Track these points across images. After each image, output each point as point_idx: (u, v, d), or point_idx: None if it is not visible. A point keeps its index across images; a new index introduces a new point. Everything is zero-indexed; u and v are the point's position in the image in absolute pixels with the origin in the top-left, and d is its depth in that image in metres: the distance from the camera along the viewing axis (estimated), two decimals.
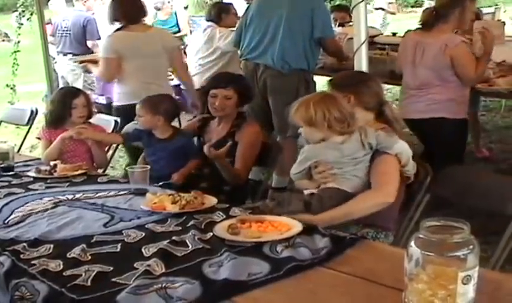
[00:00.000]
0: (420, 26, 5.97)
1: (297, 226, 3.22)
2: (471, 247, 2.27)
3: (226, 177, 4.66)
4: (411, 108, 5.84)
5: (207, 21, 8.55)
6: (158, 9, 12.06)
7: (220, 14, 8.30)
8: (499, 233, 3.72)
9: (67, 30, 10.27)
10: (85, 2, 10.98)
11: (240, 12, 8.56)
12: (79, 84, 9.44)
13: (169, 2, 12.06)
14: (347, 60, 6.81)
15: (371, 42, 7.42)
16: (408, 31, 6.34)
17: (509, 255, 4.35)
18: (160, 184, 4.46)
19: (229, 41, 7.85)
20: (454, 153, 5.95)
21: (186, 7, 13.65)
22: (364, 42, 4.61)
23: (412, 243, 2.31)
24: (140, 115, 4.90)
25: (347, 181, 3.70)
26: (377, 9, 17.79)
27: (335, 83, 4.12)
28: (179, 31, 12.04)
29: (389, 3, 19.20)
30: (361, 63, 4.66)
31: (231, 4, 8.90)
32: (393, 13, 20.07)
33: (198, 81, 7.72)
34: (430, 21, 5.76)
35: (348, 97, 3.93)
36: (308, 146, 3.80)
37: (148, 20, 11.45)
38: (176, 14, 12.16)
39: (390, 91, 11.80)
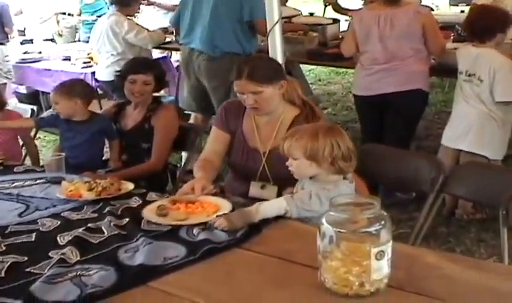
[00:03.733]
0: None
1: (226, 207, 3.24)
2: (382, 222, 2.31)
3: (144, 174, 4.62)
4: (383, 82, 5.75)
5: (111, 4, 8.17)
6: None
7: (129, 1, 7.89)
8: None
9: None
10: None
11: None
12: None
13: None
14: None
15: (289, 23, 7.45)
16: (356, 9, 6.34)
17: (431, 230, 4.45)
18: (104, 172, 4.44)
19: (137, 33, 7.73)
20: (415, 124, 6.11)
21: None
22: (277, 23, 4.57)
23: (324, 220, 2.32)
24: (56, 103, 4.80)
25: None
26: None
27: (261, 74, 3.85)
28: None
29: None
30: (276, 44, 4.62)
31: None
32: None
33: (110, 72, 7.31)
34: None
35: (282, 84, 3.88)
36: (308, 182, 3.32)
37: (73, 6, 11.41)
38: None
39: (312, 71, 11.88)
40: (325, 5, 8.73)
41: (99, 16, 10.28)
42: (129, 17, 7.97)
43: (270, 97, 3.85)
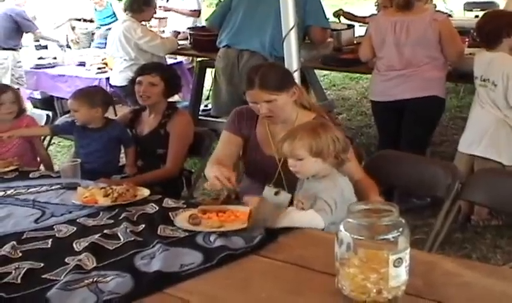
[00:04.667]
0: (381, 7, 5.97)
1: None
2: (400, 229, 2.29)
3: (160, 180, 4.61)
4: (400, 88, 5.75)
5: (125, 11, 8.08)
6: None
7: (141, 6, 7.78)
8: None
9: None
10: None
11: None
12: (7, 79, 9.27)
13: None
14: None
15: None
16: (372, 14, 6.31)
17: (447, 237, 4.42)
18: (119, 178, 4.49)
19: (150, 40, 7.67)
20: (431, 130, 6.12)
21: None
22: (292, 28, 4.56)
23: (341, 227, 2.31)
24: (76, 110, 4.79)
25: None
26: None
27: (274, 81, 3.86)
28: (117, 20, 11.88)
29: None
30: (291, 49, 4.61)
31: None
32: None
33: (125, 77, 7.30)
34: (404, 3, 5.66)
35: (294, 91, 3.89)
36: (308, 182, 3.39)
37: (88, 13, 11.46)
38: (111, 4, 11.95)
39: (327, 77, 11.86)
40: (336, 17, 8.66)
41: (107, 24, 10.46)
42: (144, 22, 7.98)
43: (284, 105, 3.84)
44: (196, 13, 10.94)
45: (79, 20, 11.56)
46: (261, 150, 4.01)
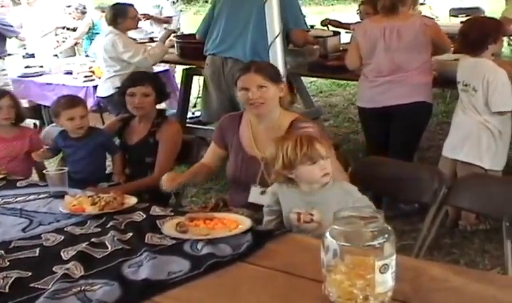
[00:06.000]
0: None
1: (246, 223, 3.22)
2: (386, 235, 2.30)
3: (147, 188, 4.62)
4: (388, 94, 5.77)
5: (108, 24, 7.82)
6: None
7: (116, 19, 7.56)
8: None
9: None
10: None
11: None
12: None
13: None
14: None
15: None
16: (358, 22, 6.34)
17: (435, 242, 4.44)
18: (106, 186, 4.50)
19: (133, 55, 7.44)
20: (419, 136, 6.13)
21: None
22: (278, 35, 4.59)
23: (327, 234, 2.32)
24: (82, 116, 4.79)
25: None
26: None
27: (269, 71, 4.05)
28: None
29: None
30: (277, 56, 4.63)
31: (130, 5, 8.02)
32: None
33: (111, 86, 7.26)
34: (390, 6, 5.69)
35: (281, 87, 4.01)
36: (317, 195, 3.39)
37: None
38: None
39: (314, 83, 11.88)
40: (324, 26, 8.70)
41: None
42: (130, 30, 7.93)
43: (273, 96, 3.97)
44: (170, 20, 11.14)
45: (63, 28, 11.52)
46: (244, 151, 4.08)
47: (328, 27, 8.63)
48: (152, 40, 10.06)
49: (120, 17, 7.49)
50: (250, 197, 4.00)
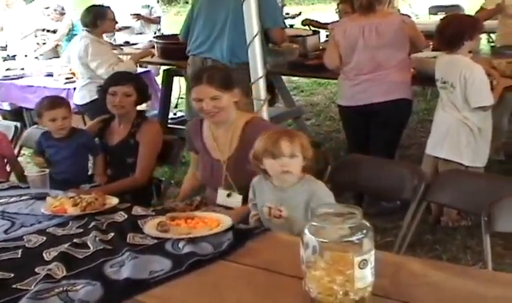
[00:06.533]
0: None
1: (227, 222, 3.23)
2: (364, 231, 2.32)
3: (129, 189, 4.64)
4: (369, 92, 5.79)
5: (83, 27, 7.58)
6: None
7: (95, 21, 7.26)
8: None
9: None
10: None
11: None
12: None
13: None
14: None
15: None
16: (336, 21, 6.35)
17: (417, 238, 4.46)
18: (88, 187, 4.52)
19: (98, 66, 7.07)
20: (400, 133, 6.16)
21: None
22: (257, 35, 4.60)
23: (306, 231, 2.34)
24: (65, 117, 4.80)
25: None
26: None
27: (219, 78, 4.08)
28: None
29: None
30: (256, 56, 4.64)
31: (107, 7, 7.83)
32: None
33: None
34: (367, 5, 5.70)
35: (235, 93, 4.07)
36: (287, 192, 3.41)
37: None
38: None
39: (295, 83, 11.90)
40: (305, 25, 8.75)
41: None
42: (107, 32, 7.89)
43: (228, 103, 4.03)
44: (158, 19, 11.16)
45: (43, 30, 11.48)
46: (210, 155, 4.16)
47: (309, 27, 8.66)
48: (127, 43, 10.11)
49: (100, 19, 7.31)
50: (218, 199, 4.09)
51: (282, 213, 3.33)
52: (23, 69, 9.57)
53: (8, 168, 5.28)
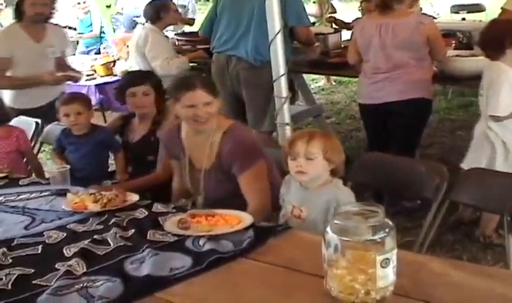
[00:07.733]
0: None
1: (248, 219, 3.22)
2: (387, 230, 2.31)
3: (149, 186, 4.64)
4: (386, 91, 5.76)
5: (146, 21, 7.60)
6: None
7: (159, 14, 7.38)
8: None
9: None
10: None
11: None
12: None
13: (84, 2, 11.76)
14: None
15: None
16: (357, 18, 6.31)
17: (437, 238, 4.42)
18: (110, 184, 4.51)
19: (154, 57, 7.23)
20: (420, 132, 6.11)
21: (108, 6, 13.25)
22: (278, 32, 4.59)
23: (328, 229, 2.33)
24: (78, 112, 4.82)
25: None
26: None
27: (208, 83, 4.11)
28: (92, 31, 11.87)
29: None
30: (277, 53, 4.64)
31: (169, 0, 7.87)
32: None
33: None
34: (383, 4, 5.67)
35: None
36: (312, 193, 3.40)
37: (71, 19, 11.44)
38: (90, 15, 11.88)
39: (316, 81, 11.89)
40: (329, 23, 8.78)
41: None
42: (171, 25, 7.97)
43: (216, 110, 4.00)
44: (192, 21, 10.97)
45: (65, 27, 11.54)
46: (192, 164, 4.14)
47: (332, 25, 8.65)
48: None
49: (163, 11, 7.40)
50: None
51: (302, 214, 3.32)
52: None
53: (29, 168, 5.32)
